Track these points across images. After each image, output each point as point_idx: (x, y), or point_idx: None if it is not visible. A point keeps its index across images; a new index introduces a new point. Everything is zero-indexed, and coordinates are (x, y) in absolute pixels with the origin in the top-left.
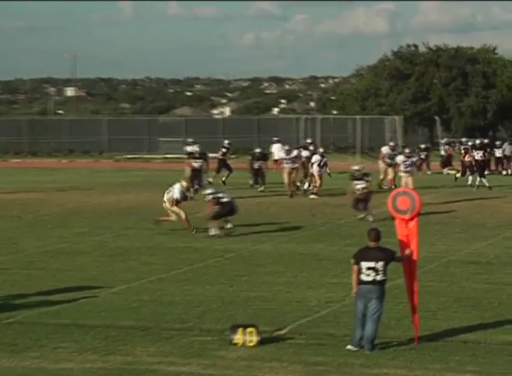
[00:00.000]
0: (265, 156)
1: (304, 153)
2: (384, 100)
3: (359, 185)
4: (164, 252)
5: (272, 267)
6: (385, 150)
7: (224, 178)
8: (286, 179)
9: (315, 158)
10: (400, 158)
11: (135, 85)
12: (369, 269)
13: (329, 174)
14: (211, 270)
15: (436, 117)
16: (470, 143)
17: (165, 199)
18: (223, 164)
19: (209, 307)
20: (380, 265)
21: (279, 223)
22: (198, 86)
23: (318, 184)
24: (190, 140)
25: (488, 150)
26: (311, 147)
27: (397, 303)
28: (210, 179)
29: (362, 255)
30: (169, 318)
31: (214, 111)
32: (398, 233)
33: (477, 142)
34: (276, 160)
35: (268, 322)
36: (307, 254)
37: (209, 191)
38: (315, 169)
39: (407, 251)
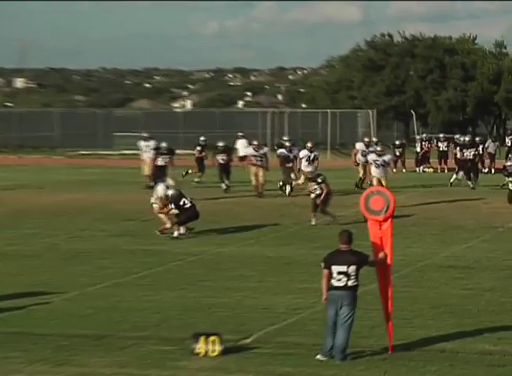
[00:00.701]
0: (229, 149)
1: (303, 153)
2: (357, 93)
3: (313, 187)
4: (120, 255)
5: (237, 271)
6: (359, 146)
7: (197, 179)
8: (253, 179)
9: (303, 153)
10: (371, 157)
11: (89, 76)
12: (340, 273)
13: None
14: (171, 275)
15: (412, 112)
16: (463, 139)
17: (153, 201)
18: (201, 162)
19: (169, 314)
20: (351, 269)
21: (245, 224)
22: (157, 77)
23: (301, 181)
24: (146, 135)
25: (481, 147)
26: (287, 143)
27: (370, 310)
28: (197, 179)
29: (333, 259)
30: (126, 326)
31: (175, 104)
32: (371, 236)
33: (467, 139)
34: (242, 158)
35: (232, 330)
36: (274, 258)
37: (170, 193)
38: (303, 164)
39: (381, 255)
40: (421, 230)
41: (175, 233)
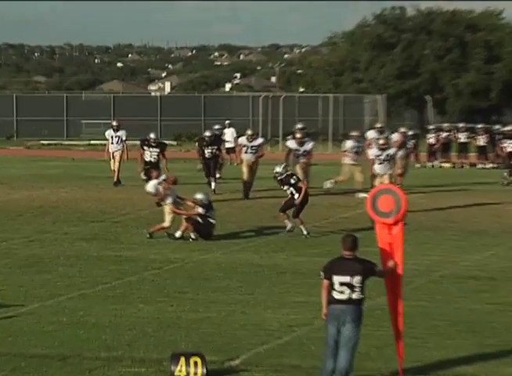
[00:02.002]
0: (219, 139)
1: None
2: (363, 75)
3: (287, 190)
4: (87, 262)
5: (223, 282)
6: (371, 134)
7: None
8: (245, 174)
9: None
10: (373, 151)
11: (52, 54)
12: (342, 284)
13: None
14: (147, 285)
15: (427, 97)
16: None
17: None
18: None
19: (143, 331)
20: (356, 280)
21: (232, 227)
22: (131, 56)
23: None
24: (115, 123)
25: None
26: (297, 134)
27: (377, 327)
28: (199, 166)
29: (335, 268)
30: (93, 345)
31: (151, 87)
32: (380, 241)
33: (508, 128)
34: (230, 150)
35: (217, 350)
36: (266, 266)
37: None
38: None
39: (390, 263)
40: (437, 235)
41: (178, 233)
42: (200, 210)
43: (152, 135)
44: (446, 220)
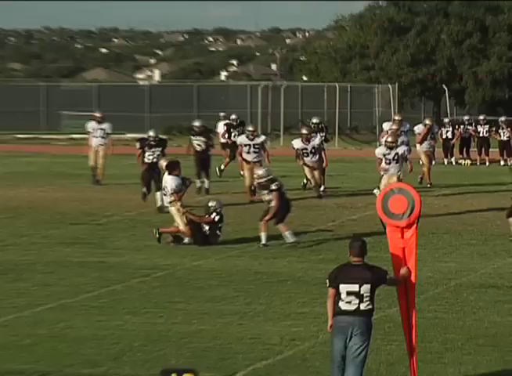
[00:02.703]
0: (208, 132)
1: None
2: (374, 63)
3: (266, 196)
4: (68, 269)
5: (218, 291)
6: (388, 126)
7: (222, 167)
8: (247, 178)
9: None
10: (379, 150)
11: (29, 38)
12: (350, 294)
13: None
14: (134, 295)
15: (444, 87)
16: None
17: (167, 201)
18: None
19: (130, 345)
20: (365, 289)
21: (228, 230)
22: (116, 41)
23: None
24: (98, 115)
25: None
26: (303, 130)
27: (388, 341)
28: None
29: (342, 275)
30: (75, 359)
31: (139, 75)
32: (391, 246)
33: None
34: (226, 145)
35: (211, 366)
36: (265, 274)
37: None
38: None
39: (403, 271)
40: (455, 240)
41: (187, 240)
42: (217, 218)
43: (151, 133)
44: (464, 223)
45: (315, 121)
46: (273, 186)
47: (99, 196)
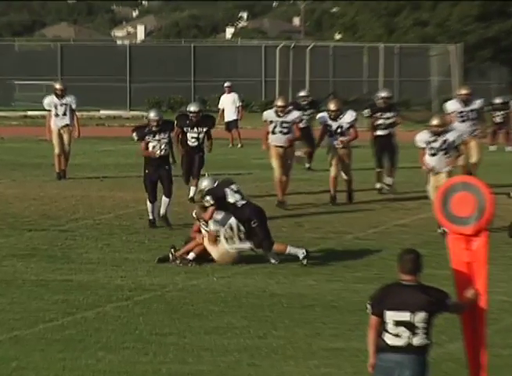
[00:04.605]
0: (208, 120)
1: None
2: (429, 16)
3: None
4: (22, 290)
5: (222, 319)
6: (453, 105)
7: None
8: (276, 170)
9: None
10: (422, 137)
11: None
12: (399, 324)
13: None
14: (110, 324)
15: None
16: None
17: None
18: (307, 134)
19: None
20: (419, 317)
21: None
22: None
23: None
24: (58, 87)
25: None
26: (331, 106)
27: None
28: (307, 165)
29: (388, 300)
30: None
31: (117, 33)
32: (453, 260)
33: None
34: (231, 124)
35: None
36: (285, 297)
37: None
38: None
39: (469, 293)
40: None
41: (191, 255)
42: (248, 245)
43: (152, 115)
44: None
45: (384, 94)
46: (231, 200)
47: (64, 193)
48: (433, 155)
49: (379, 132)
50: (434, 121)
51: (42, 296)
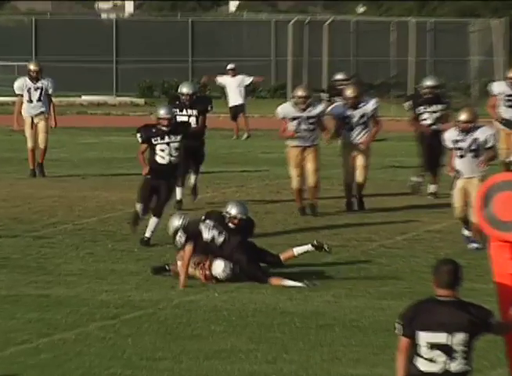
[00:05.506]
0: (203, 101)
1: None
2: None
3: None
4: None
5: (225, 341)
6: (500, 85)
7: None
8: (294, 178)
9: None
10: (449, 134)
11: None
12: (434, 347)
13: None
14: (93, 347)
15: None
16: None
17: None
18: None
19: None
20: (458, 339)
21: None
22: None
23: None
24: (33, 68)
25: None
26: (348, 92)
27: None
28: (417, 178)
29: (421, 318)
30: None
31: (101, 4)
32: (496, 272)
33: None
34: (237, 109)
35: None
36: (298, 315)
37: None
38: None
39: None
40: None
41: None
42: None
43: (162, 112)
44: None
45: (429, 83)
46: (211, 234)
47: (40, 193)
48: (461, 157)
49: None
50: (463, 116)
51: (14, 314)
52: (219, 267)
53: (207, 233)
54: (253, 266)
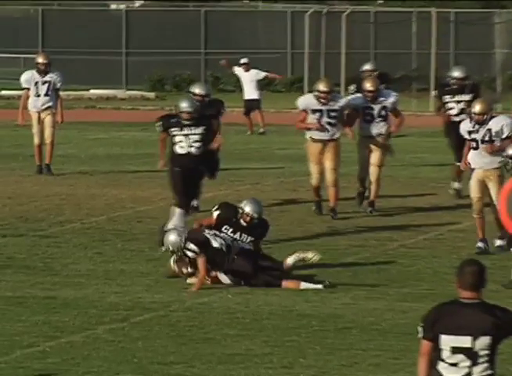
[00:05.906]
0: (216, 104)
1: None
2: None
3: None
4: None
5: (239, 345)
6: None
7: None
8: (314, 174)
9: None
10: (464, 125)
11: None
12: (458, 351)
13: None
14: (102, 351)
15: None
16: None
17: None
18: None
19: None
20: (482, 343)
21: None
22: None
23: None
24: (41, 60)
25: None
26: (368, 85)
27: None
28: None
29: (444, 321)
30: None
31: None
32: None
33: None
34: (251, 104)
35: None
36: (316, 318)
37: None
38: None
39: None
40: None
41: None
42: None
43: (184, 105)
44: None
45: (457, 74)
46: (190, 252)
47: (46, 190)
48: (474, 149)
49: (452, 119)
50: (476, 108)
51: (19, 316)
52: (225, 281)
53: (214, 240)
54: (261, 276)
